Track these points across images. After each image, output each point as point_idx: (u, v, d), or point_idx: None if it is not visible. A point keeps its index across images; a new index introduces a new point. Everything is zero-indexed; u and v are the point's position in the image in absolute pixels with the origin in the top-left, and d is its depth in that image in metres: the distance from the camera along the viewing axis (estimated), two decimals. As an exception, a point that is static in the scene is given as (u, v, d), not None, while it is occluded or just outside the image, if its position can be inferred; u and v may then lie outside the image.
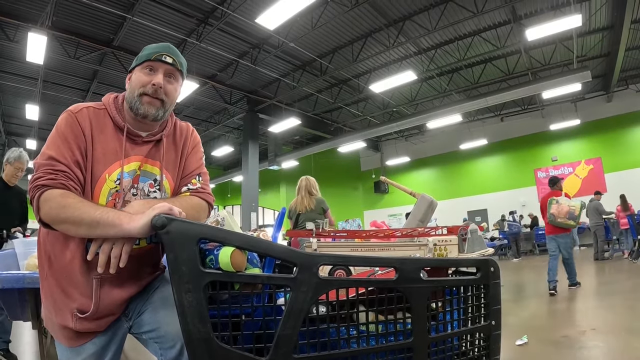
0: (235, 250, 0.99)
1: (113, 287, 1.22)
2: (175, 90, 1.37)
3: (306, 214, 4.92)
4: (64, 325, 1.20)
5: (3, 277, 1.81)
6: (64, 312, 1.20)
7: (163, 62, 1.32)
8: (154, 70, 1.32)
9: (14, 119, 15.81)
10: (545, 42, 11.23)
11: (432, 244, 1.57)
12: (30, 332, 4.30)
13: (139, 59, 1.34)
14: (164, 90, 1.32)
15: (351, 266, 1.45)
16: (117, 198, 1.24)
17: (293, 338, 0.94)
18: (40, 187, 1.12)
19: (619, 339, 3.43)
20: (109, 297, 1.21)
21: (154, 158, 1.36)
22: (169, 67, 1.33)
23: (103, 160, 1.24)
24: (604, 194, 12.34)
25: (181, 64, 1.37)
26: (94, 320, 1.20)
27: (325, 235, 1.86)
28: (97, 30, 9.98)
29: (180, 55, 1.38)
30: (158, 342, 1.24)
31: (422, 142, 20.01)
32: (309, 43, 11.09)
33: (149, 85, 1.29)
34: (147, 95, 1.29)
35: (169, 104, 1.35)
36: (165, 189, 1.35)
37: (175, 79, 1.37)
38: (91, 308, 1.18)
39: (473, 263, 1.22)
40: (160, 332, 1.23)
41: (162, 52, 1.32)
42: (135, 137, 1.33)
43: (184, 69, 1.39)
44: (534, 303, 5.64)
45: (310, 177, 5.20)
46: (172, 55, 1.34)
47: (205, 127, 17.10)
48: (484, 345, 1.19)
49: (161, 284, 1.37)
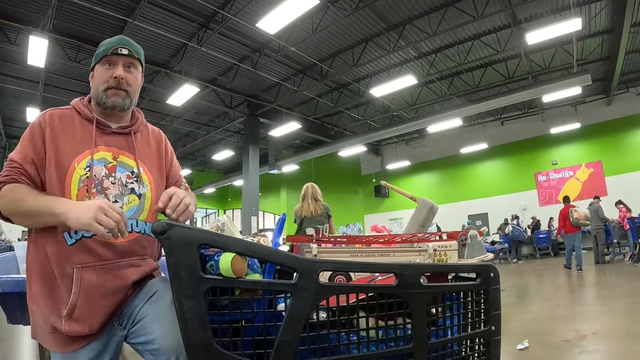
0: (236, 256, 0.99)
1: (92, 277, 1.20)
2: (136, 79, 1.43)
3: (312, 218, 5.01)
4: (54, 328, 1.18)
5: (3, 281, 1.82)
6: (52, 316, 1.19)
7: (120, 55, 1.37)
8: (112, 64, 1.38)
9: (15, 122, 15.84)
10: (545, 45, 11.27)
11: (432, 250, 1.57)
12: (29, 336, 4.29)
13: (97, 57, 1.39)
14: (125, 81, 1.37)
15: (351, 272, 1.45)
16: (89, 185, 1.28)
17: (293, 344, 0.94)
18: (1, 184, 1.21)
19: (620, 343, 3.43)
20: (88, 287, 1.19)
21: (129, 151, 1.41)
22: (126, 59, 1.39)
23: (72, 151, 1.29)
24: (604, 198, 12.38)
25: (137, 52, 1.42)
26: (84, 321, 1.17)
27: (325, 241, 1.86)
28: (98, 34, 10.00)
29: (135, 44, 1.43)
30: (153, 355, 1.21)
31: (422, 146, 20.02)
32: (310, 47, 11.12)
33: (111, 79, 1.35)
34: (111, 89, 1.36)
35: (133, 93, 1.42)
36: (143, 180, 1.40)
37: (135, 67, 1.42)
38: (70, 300, 1.17)
39: (473, 268, 1.22)
40: (155, 345, 1.19)
41: (117, 45, 1.37)
42: (104, 127, 1.38)
43: (141, 57, 1.45)
44: (535, 307, 5.63)
45: (314, 184, 5.33)
46: (126, 47, 1.38)
47: (205, 131, 17.13)
48: (484, 350, 1.19)
49: (157, 290, 1.31)
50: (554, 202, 16.37)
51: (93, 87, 1.39)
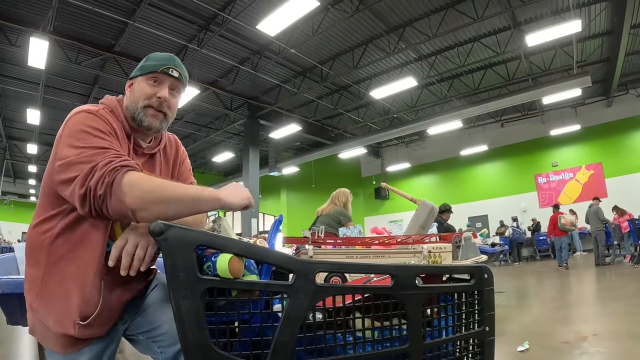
0: (233, 257, 0.99)
1: (115, 290, 1.21)
2: (177, 103, 1.38)
3: (322, 217, 4.95)
4: (64, 334, 1.14)
5: (3, 282, 1.83)
6: (64, 320, 1.14)
7: (169, 76, 1.31)
8: (158, 83, 1.31)
9: (15, 123, 15.88)
10: (545, 47, 11.30)
11: (427, 251, 1.58)
12: (28, 337, 4.30)
13: (144, 69, 1.32)
14: (167, 104, 1.32)
15: (347, 273, 1.46)
16: None
17: (290, 345, 0.95)
18: (119, 169, 1.05)
19: (620, 345, 3.42)
20: (111, 300, 1.20)
21: (151, 171, 1.37)
22: (173, 81, 1.33)
23: None
24: (604, 199, 12.40)
25: (185, 78, 1.37)
26: (97, 327, 1.17)
27: (321, 242, 1.87)
28: (98, 36, 10.05)
29: (184, 68, 1.38)
30: (157, 341, 1.24)
31: (422, 148, 20.02)
32: (310, 49, 11.14)
33: (154, 98, 1.29)
34: (151, 108, 1.29)
35: (171, 117, 1.36)
36: None
37: (178, 92, 1.37)
38: (95, 311, 1.14)
39: (467, 270, 1.23)
40: (162, 330, 1.23)
41: (169, 65, 1.31)
42: (137, 146, 1.33)
43: (187, 82, 1.40)
44: (535, 308, 5.63)
45: (344, 190, 5.11)
46: (177, 69, 1.33)
47: (205, 132, 17.14)
48: (478, 351, 1.20)
49: (157, 284, 1.37)
50: (554, 203, 16.38)
51: (131, 98, 1.31)
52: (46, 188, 1.21)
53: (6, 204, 23.79)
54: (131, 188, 1.02)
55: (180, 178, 1.52)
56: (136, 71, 1.34)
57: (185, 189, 1.08)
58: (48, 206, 1.20)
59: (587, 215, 10.84)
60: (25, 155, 18.35)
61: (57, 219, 1.18)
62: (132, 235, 1.11)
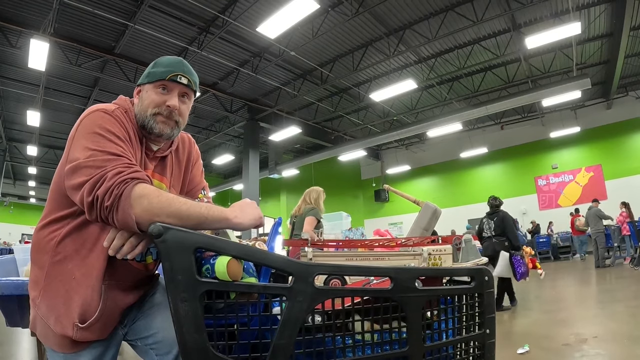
0: (232, 260, 0.99)
1: (116, 294, 1.21)
2: (188, 109, 1.35)
3: (297, 221, 4.90)
4: (63, 335, 1.14)
5: (3, 283, 1.82)
6: (63, 322, 1.14)
7: (178, 83, 1.28)
8: (167, 90, 1.28)
9: (15, 125, 15.89)
10: (545, 50, 11.30)
11: (427, 254, 1.58)
12: (28, 338, 4.29)
13: (152, 76, 1.29)
14: (178, 112, 1.29)
15: (346, 276, 1.46)
16: None
17: (289, 347, 0.94)
18: (129, 181, 1.02)
19: (621, 347, 3.42)
20: (111, 304, 1.19)
21: (162, 174, 1.36)
22: (183, 88, 1.30)
23: None
24: (604, 201, 12.45)
25: (195, 83, 1.34)
26: (96, 330, 1.16)
27: (321, 245, 1.86)
28: (98, 38, 10.06)
29: (194, 73, 1.34)
30: (154, 348, 1.24)
31: (422, 151, 20.03)
32: (310, 52, 11.16)
33: (164, 106, 1.26)
34: (161, 115, 1.27)
35: (182, 124, 1.33)
36: None
37: (188, 98, 1.34)
38: (95, 315, 1.14)
39: (467, 272, 1.22)
40: (158, 338, 1.22)
41: (178, 72, 1.27)
42: (149, 150, 1.32)
43: (197, 88, 1.36)
44: (536, 311, 5.62)
45: (316, 188, 5.06)
46: (187, 75, 1.29)
47: (205, 135, 17.15)
48: (478, 353, 1.19)
49: (156, 290, 1.36)
50: (554, 206, 16.37)
51: (140, 106, 1.28)
52: (56, 189, 1.20)
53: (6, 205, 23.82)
54: (139, 201, 1.00)
55: (192, 182, 1.49)
56: (143, 78, 1.31)
57: (192, 207, 1.05)
58: (57, 207, 1.20)
59: (587, 217, 10.86)
60: (25, 157, 18.29)
61: (66, 220, 1.18)
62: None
